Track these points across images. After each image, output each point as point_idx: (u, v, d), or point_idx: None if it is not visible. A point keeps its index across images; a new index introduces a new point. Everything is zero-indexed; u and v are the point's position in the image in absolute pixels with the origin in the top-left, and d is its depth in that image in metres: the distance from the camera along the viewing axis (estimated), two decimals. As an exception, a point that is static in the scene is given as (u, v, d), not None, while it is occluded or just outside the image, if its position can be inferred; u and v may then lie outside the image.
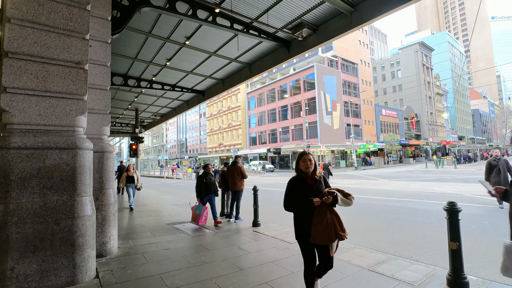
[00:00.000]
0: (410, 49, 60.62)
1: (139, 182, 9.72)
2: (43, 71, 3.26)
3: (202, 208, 6.50)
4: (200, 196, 6.61)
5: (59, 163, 3.21)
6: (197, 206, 6.60)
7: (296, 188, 2.71)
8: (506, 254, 2.10)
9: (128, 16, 5.75)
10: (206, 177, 6.66)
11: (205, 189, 6.63)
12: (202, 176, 6.66)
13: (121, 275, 3.63)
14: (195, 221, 6.60)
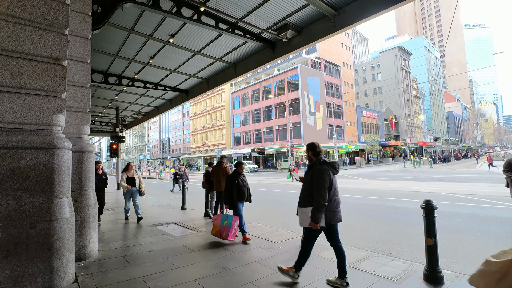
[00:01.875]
0: (390, 53, 62.74)
1: (143, 185, 7.53)
2: (18, 67, 3.10)
3: (231, 219, 5.00)
4: (230, 202, 5.21)
5: (35, 163, 3.07)
6: (224, 216, 5.14)
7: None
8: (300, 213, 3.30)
9: (110, 12, 5.57)
10: (239, 178, 5.31)
11: (238, 193, 5.20)
12: (234, 177, 5.31)
13: (101, 279, 3.52)
14: (220, 235, 4.98)
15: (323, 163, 3.24)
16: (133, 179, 7.42)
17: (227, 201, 5.26)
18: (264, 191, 14.55)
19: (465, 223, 6.32)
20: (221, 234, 4.97)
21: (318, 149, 3.39)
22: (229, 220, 5.00)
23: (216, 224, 5.11)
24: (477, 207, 7.96)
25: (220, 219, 5.13)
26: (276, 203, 10.56)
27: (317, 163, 3.28)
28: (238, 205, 5.20)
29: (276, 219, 7.59)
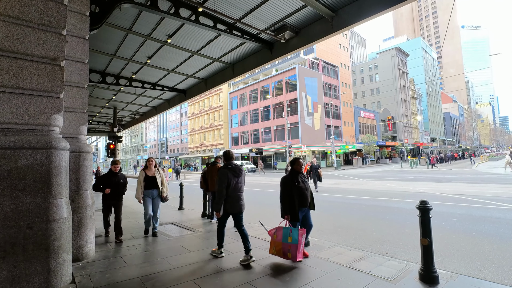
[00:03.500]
0: (387, 54, 63.04)
1: (166, 188, 5.87)
2: (15, 67, 3.10)
3: (297, 233, 3.87)
4: (292, 210, 4.06)
5: (33, 163, 3.07)
6: (286, 230, 3.95)
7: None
8: None
9: (108, 12, 5.57)
10: (299, 179, 4.21)
11: (300, 198, 4.12)
12: (292, 178, 4.18)
13: (99, 279, 3.52)
14: (284, 255, 3.89)
15: (225, 167, 4.22)
16: (154, 180, 5.67)
17: (288, 210, 4.08)
18: (262, 192, 14.57)
19: (460, 223, 6.38)
20: (286, 254, 3.83)
21: (228, 157, 4.36)
22: (294, 235, 3.86)
23: (278, 241, 3.92)
24: (473, 208, 8.03)
25: (282, 234, 3.94)
26: (273, 204, 10.58)
27: (222, 167, 4.27)
28: (301, 213, 4.19)
29: (274, 219, 7.59)
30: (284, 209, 4.14)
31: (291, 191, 4.10)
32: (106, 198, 5.53)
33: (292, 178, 4.16)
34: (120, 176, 5.66)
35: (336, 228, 6.39)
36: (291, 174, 4.23)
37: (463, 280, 3.31)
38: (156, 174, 5.77)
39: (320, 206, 9.27)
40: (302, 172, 4.31)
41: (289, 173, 4.26)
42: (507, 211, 7.43)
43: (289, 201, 4.09)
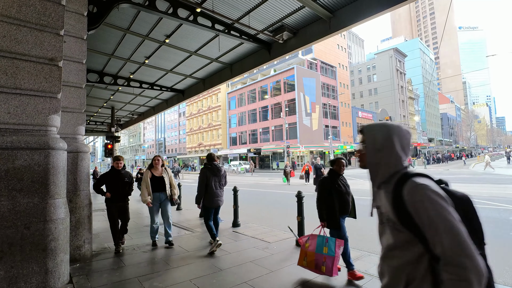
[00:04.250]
0: (385, 54, 63.29)
1: (175, 190, 5.19)
2: (13, 67, 3.09)
3: (333, 243, 3.29)
4: (333, 217, 3.53)
5: (30, 164, 3.06)
6: (321, 238, 3.39)
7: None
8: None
9: (105, 12, 5.57)
10: (339, 182, 3.68)
11: (340, 203, 3.58)
12: (332, 180, 3.66)
13: (96, 279, 3.52)
14: (317, 268, 3.31)
15: (205, 167, 4.80)
16: (161, 181, 5.00)
17: (325, 216, 3.58)
18: (261, 192, 14.59)
19: (457, 223, 6.43)
20: (319, 266, 3.25)
21: (210, 158, 4.91)
22: (330, 245, 3.26)
23: (310, 252, 3.31)
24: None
25: (315, 243, 3.36)
26: (271, 204, 10.60)
27: (202, 167, 4.86)
28: (341, 223, 3.61)
29: (271, 219, 7.63)
30: (320, 214, 3.64)
31: (330, 195, 3.59)
32: (110, 200, 4.71)
33: (331, 180, 3.66)
34: (125, 174, 4.87)
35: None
36: (330, 175, 3.73)
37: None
38: (164, 174, 5.09)
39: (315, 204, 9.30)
40: (342, 174, 3.80)
41: (327, 175, 3.80)
42: (502, 211, 7.50)
43: (327, 206, 3.58)
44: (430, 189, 1.02)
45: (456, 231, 0.95)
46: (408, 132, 1.20)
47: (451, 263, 0.93)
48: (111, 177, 4.81)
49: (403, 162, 1.16)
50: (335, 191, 3.58)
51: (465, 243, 0.93)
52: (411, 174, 1.12)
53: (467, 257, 0.91)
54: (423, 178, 1.10)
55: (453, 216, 0.98)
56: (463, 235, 0.94)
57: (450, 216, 0.97)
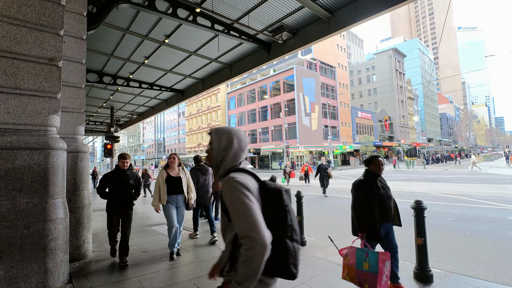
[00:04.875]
0: (385, 54, 63.37)
1: (192, 193, 4.69)
2: (12, 67, 3.10)
3: (376, 258, 2.69)
4: (369, 226, 3.00)
5: (30, 164, 3.07)
6: (361, 252, 2.79)
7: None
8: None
9: (105, 12, 5.57)
10: (377, 184, 3.12)
11: (381, 210, 3.05)
12: (369, 182, 3.12)
13: (96, 279, 3.53)
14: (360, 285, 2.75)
15: (194, 168, 5.48)
16: (179, 182, 4.46)
17: (364, 226, 3.01)
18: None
19: (455, 223, 6.45)
20: (362, 284, 2.73)
21: (196, 160, 5.69)
22: (372, 260, 2.69)
23: (350, 266, 2.82)
24: (468, 207, 8.12)
25: (355, 257, 2.80)
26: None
27: (192, 168, 5.47)
28: (383, 230, 3.12)
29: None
30: (358, 224, 3.04)
31: (368, 200, 3.02)
32: (110, 205, 4.14)
33: (369, 183, 3.09)
34: (130, 175, 4.25)
35: (332, 227, 6.43)
36: (367, 177, 3.15)
37: (457, 279, 3.36)
38: (181, 175, 4.52)
39: (317, 206, 9.31)
40: (381, 174, 3.22)
41: (363, 176, 3.20)
42: (501, 210, 7.52)
43: (365, 213, 3.01)
44: (236, 180, 1.23)
45: (249, 212, 1.15)
46: (245, 135, 1.45)
47: (244, 236, 1.14)
48: (114, 178, 4.15)
49: (239, 160, 1.38)
50: (374, 195, 3.02)
51: (254, 222, 1.14)
52: (236, 169, 1.33)
53: (255, 232, 1.12)
54: (240, 173, 1.30)
55: (250, 201, 1.18)
56: (254, 216, 1.15)
57: (247, 200, 1.18)
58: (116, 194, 4.13)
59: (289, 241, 1.21)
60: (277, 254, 1.19)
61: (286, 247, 1.21)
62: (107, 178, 4.18)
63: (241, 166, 1.36)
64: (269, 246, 1.13)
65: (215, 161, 1.40)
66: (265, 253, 1.12)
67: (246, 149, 1.44)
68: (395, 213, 3.26)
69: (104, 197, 4.15)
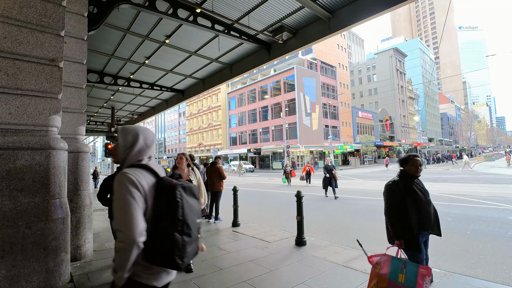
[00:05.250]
0: (385, 54, 63.30)
1: (203, 198, 4.14)
2: (14, 68, 3.12)
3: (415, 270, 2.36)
4: (407, 233, 2.66)
5: (31, 164, 3.09)
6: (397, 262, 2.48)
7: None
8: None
9: (106, 13, 5.59)
10: (413, 187, 2.78)
11: (420, 215, 2.69)
12: (406, 184, 2.77)
13: (97, 279, 3.55)
14: None
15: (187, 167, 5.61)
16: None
17: (401, 232, 2.66)
18: (260, 191, 14.62)
19: (455, 222, 6.45)
20: None
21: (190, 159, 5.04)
22: (411, 272, 2.36)
23: (382, 276, 2.47)
24: (468, 207, 8.12)
25: (389, 266, 2.47)
26: (271, 203, 10.63)
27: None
28: (421, 239, 2.72)
29: (271, 219, 7.65)
30: (394, 230, 2.69)
31: (404, 205, 2.67)
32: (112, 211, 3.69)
33: (405, 185, 2.74)
34: None
35: (332, 228, 6.45)
36: (403, 178, 2.80)
37: (457, 279, 3.37)
38: (192, 177, 4.02)
39: (317, 205, 9.33)
40: (418, 176, 2.85)
41: (398, 177, 2.83)
42: (501, 210, 7.52)
43: (402, 219, 2.66)
44: (125, 176, 1.33)
45: (126, 208, 1.26)
46: (152, 133, 1.57)
47: (117, 230, 1.26)
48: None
49: (144, 156, 1.49)
50: (411, 199, 2.67)
51: (129, 217, 1.25)
52: (135, 165, 1.43)
53: (126, 226, 1.23)
54: (136, 169, 1.40)
55: (133, 197, 1.28)
56: (130, 212, 1.26)
57: (129, 197, 1.28)
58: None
59: (177, 234, 1.31)
60: (163, 245, 1.29)
61: (173, 240, 1.30)
62: (109, 182, 3.68)
63: (143, 162, 1.46)
64: (138, 240, 1.25)
65: (121, 157, 1.48)
66: (133, 247, 1.24)
67: (153, 146, 1.55)
68: (434, 221, 2.87)
69: (106, 204, 3.63)
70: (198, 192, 1.67)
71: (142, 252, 1.31)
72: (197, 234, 1.48)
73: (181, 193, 1.37)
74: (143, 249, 1.30)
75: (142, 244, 1.28)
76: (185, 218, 1.35)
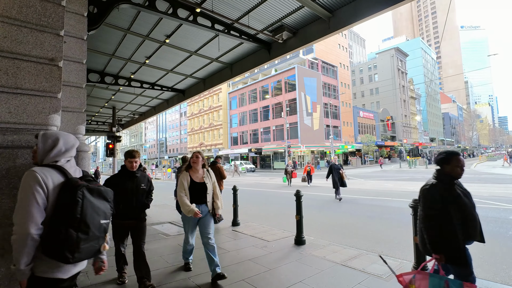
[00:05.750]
0: (387, 54, 63.15)
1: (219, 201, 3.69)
2: (13, 67, 3.14)
3: None
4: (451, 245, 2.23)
5: (31, 162, 3.10)
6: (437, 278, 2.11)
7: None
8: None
9: (106, 12, 5.61)
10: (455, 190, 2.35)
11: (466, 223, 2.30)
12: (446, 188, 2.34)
13: (96, 277, 3.56)
14: None
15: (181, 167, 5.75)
16: (202, 189, 3.56)
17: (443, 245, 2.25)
18: (260, 191, 14.63)
19: (456, 222, 6.43)
20: None
21: (185, 160, 5.84)
22: None
23: None
24: (469, 207, 8.09)
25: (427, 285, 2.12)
26: (271, 203, 10.63)
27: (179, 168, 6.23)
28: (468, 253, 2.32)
29: (271, 218, 7.66)
30: (433, 242, 2.27)
31: (446, 212, 2.27)
32: (117, 216, 3.28)
33: (447, 189, 2.33)
34: (141, 178, 3.39)
35: (332, 227, 6.45)
36: (443, 181, 2.37)
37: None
38: (206, 179, 3.61)
39: (317, 205, 9.32)
40: (460, 177, 2.43)
41: (437, 179, 2.41)
42: (502, 210, 7.49)
43: (444, 229, 2.24)
44: (31, 173, 1.47)
45: (24, 204, 1.42)
46: (73, 138, 1.73)
47: (13, 222, 1.43)
48: (121, 182, 3.28)
49: (60, 158, 1.61)
50: (455, 205, 2.27)
51: (24, 213, 1.41)
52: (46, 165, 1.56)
53: (19, 221, 1.41)
54: (46, 168, 1.53)
55: (33, 194, 1.43)
56: (27, 207, 1.41)
57: (29, 193, 1.43)
58: (124, 202, 3.21)
59: (72, 231, 1.43)
60: (56, 239, 1.42)
61: (67, 235, 1.42)
62: (112, 183, 3.29)
63: (59, 164, 1.59)
64: (31, 232, 1.39)
65: (40, 159, 1.61)
66: (26, 238, 1.38)
67: (72, 150, 1.70)
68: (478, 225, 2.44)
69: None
70: (112, 195, 1.76)
71: (40, 246, 1.43)
72: (99, 233, 1.58)
73: (83, 193, 1.48)
74: (41, 243, 1.43)
75: (38, 236, 1.41)
76: (83, 217, 1.47)
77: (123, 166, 3.41)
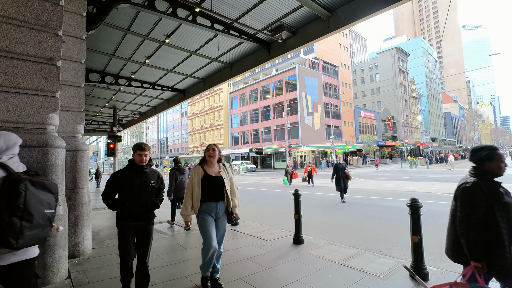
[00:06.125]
0: (388, 53, 63.01)
1: (237, 199, 3.34)
2: (12, 67, 3.16)
3: None
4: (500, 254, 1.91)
5: (29, 161, 3.12)
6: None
7: None
8: None
9: (105, 12, 5.63)
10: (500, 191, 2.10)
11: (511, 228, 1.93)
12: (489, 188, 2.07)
13: (94, 275, 3.58)
14: None
15: (173, 168, 6.70)
16: (219, 184, 3.21)
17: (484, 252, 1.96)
18: (260, 191, 14.63)
19: (455, 222, 6.41)
20: None
21: (177, 162, 6.95)
22: None
23: None
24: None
25: None
26: (271, 203, 10.64)
27: (172, 168, 6.79)
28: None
29: (270, 218, 7.66)
30: (472, 249, 1.98)
31: (491, 214, 1.99)
32: (123, 217, 2.82)
33: (490, 188, 2.09)
34: (150, 174, 2.96)
35: (331, 226, 6.45)
36: (485, 179, 2.14)
37: (453, 277, 3.35)
38: (223, 173, 3.26)
39: (317, 204, 9.32)
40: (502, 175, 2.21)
41: (477, 177, 2.15)
42: None
43: (488, 233, 1.99)
44: None
45: None
46: (15, 137, 1.89)
47: None
48: (128, 178, 2.85)
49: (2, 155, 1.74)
50: (500, 206, 1.99)
51: None
52: None
53: None
54: None
55: None
56: None
57: None
58: (131, 201, 2.79)
59: (16, 219, 1.58)
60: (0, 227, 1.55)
61: (10, 223, 1.57)
62: (117, 179, 2.86)
63: (1, 161, 1.74)
64: None
65: None
66: None
67: (14, 147, 1.84)
68: None
69: (113, 207, 2.83)
70: (56, 188, 1.91)
71: None
72: (43, 222, 1.73)
73: (26, 185, 1.64)
74: None
75: None
76: (27, 207, 1.63)
77: (131, 160, 2.96)
